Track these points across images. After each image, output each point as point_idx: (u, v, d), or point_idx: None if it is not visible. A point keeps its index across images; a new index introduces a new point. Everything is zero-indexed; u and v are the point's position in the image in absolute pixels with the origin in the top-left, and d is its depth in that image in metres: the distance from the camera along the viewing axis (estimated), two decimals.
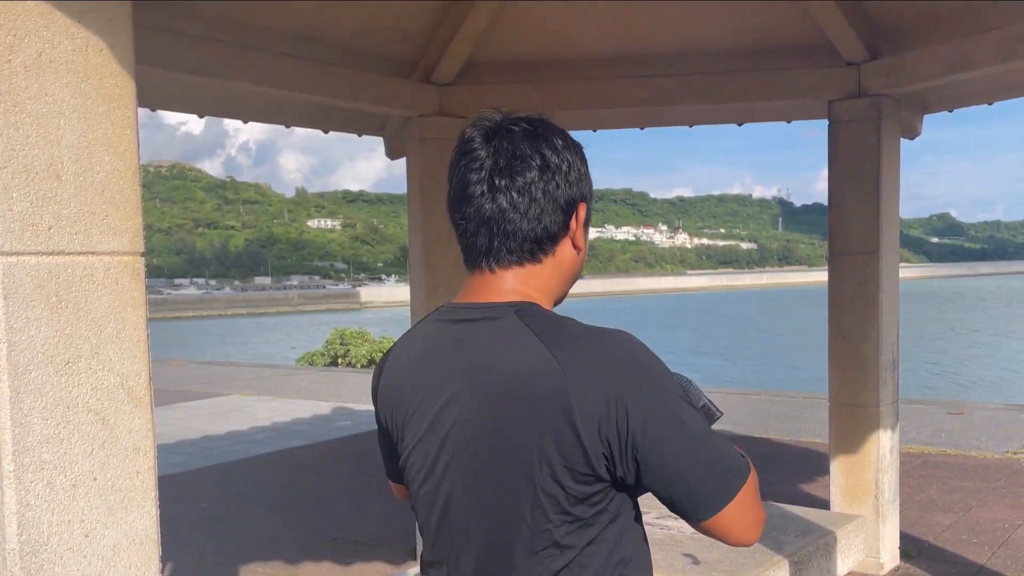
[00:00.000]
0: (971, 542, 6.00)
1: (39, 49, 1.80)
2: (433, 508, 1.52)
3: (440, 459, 1.49)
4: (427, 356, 1.53)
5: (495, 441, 1.43)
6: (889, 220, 5.16)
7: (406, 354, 1.58)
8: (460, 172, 1.51)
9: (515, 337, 1.44)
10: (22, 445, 1.77)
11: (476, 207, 1.49)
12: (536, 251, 1.50)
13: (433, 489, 1.51)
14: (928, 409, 11.55)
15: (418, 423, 1.52)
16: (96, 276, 1.89)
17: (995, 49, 4.27)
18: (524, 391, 1.39)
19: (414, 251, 5.60)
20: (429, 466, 1.51)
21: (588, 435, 1.36)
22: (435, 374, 1.50)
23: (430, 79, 5.36)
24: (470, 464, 1.46)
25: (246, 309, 79.00)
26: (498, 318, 1.47)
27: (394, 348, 1.63)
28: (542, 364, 1.39)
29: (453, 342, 1.50)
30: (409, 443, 1.54)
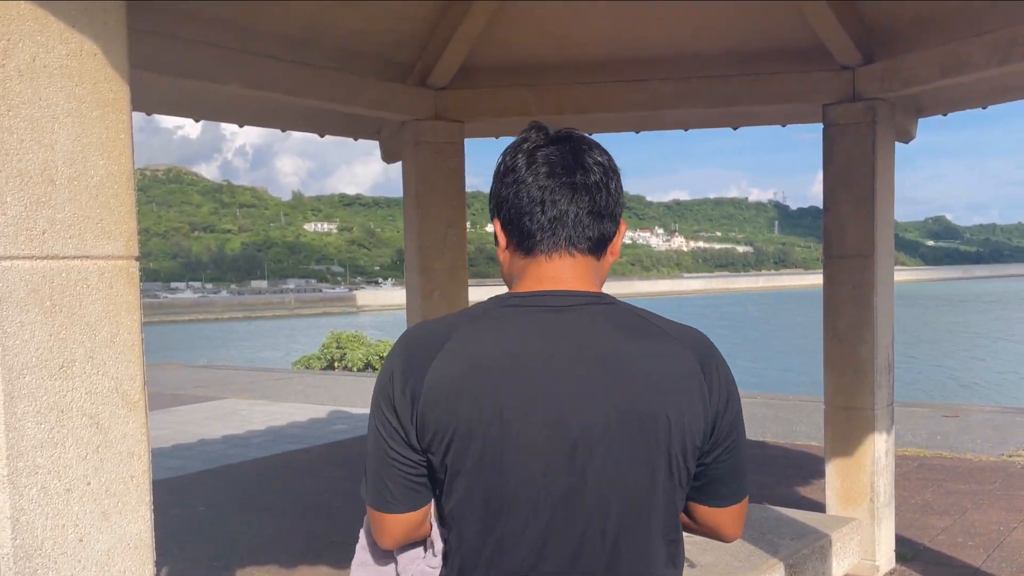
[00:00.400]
0: (966, 545, 6.00)
1: (33, 53, 1.80)
2: (543, 507, 1.43)
3: (568, 455, 1.43)
4: (530, 351, 1.45)
5: (638, 427, 1.44)
6: (884, 223, 5.17)
7: (487, 352, 1.45)
8: (530, 162, 1.52)
9: (630, 323, 1.50)
10: (16, 449, 1.77)
11: (557, 196, 1.50)
12: (598, 248, 1.55)
13: (548, 491, 1.43)
14: (924, 412, 11.57)
15: (522, 420, 1.42)
16: (90, 280, 1.89)
17: (989, 52, 4.28)
18: (665, 375, 1.46)
19: (410, 254, 5.60)
20: (545, 461, 1.43)
21: (709, 411, 1.49)
22: (550, 369, 1.44)
23: (426, 83, 5.36)
24: (609, 454, 1.43)
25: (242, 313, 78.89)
26: (598, 303, 1.50)
27: (450, 349, 1.45)
28: (672, 349, 1.48)
29: (561, 332, 1.46)
30: (506, 450, 1.42)
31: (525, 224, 1.52)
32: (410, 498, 1.52)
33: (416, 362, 1.46)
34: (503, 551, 1.45)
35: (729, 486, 1.57)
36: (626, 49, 5.44)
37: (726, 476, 1.55)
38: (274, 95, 4.76)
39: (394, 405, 1.47)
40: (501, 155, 1.59)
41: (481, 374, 1.43)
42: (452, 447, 1.44)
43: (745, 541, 4.53)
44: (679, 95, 5.38)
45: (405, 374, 1.46)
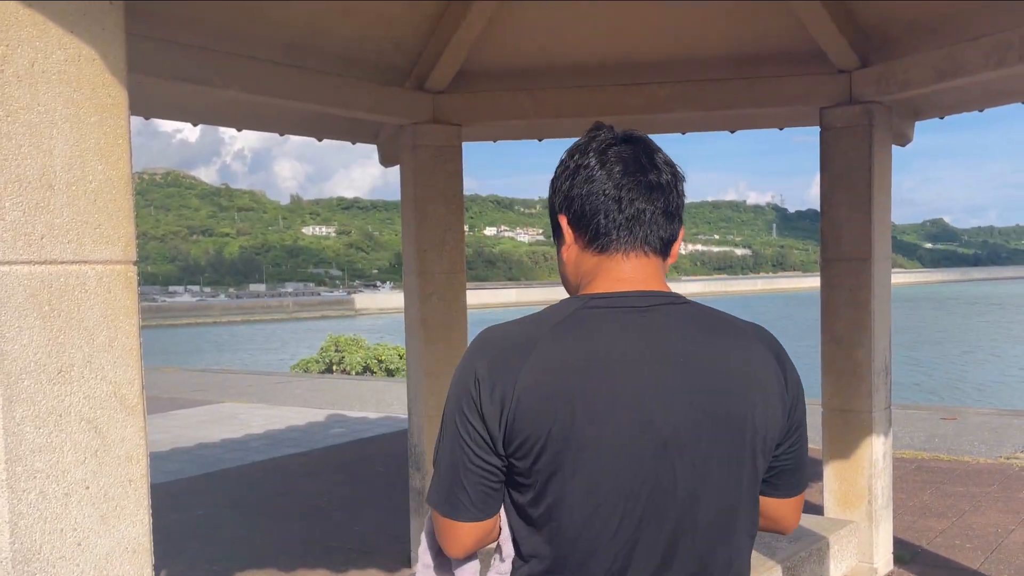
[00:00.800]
0: (964, 547, 6.01)
1: (32, 59, 1.81)
2: (635, 507, 1.43)
3: (656, 454, 1.42)
4: (617, 353, 1.44)
5: (725, 425, 1.45)
6: (881, 226, 5.18)
7: (576, 355, 1.43)
8: (602, 159, 1.52)
9: (711, 323, 1.51)
10: (14, 454, 1.77)
11: (635, 195, 1.51)
12: (666, 249, 1.56)
13: (638, 491, 1.43)
14: (921, 414, 11.58)
15: (612, 421, 1.41)
16: (89, 285, 1.89)
17: (984, 56, 4.30)
18: (747, 373, 1.48)
19: (408, 258, 5.61)
20: (636, 461, 1.42)
21: (786, 407, 1.52)
22: (637, 370, 1.43)
23: (424, 87, 5.37)
24: (696, 452, 1.44)
25: (241, 316, 78.81)
26: (679, 303, 1.51)
27: (539, 353, 1.43)
28: (753, 347, 1.50)
29: (647, 334, 1.46)
30: (596, 451, 1.41)
31: (600, 222, 1.51)
32: (487, 505, 1.50)
33: (504, 367, 1.43)
34: (596, 551, 1.44)
35: (795, 477, 1.60)
36: (623, 53, 5.45)
37: (793, 468, 1.59)
38: (272, 99, 4.76)
39: (481, 411, 1.44)
40: (567, 152, 1.59)
41: (573, 377, 1.41)
42: (546, 451, 1.41)
43: None
44: (676, 98, 5.39)
45: (493, 381, 1.43)
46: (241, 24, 4.43)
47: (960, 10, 4.51)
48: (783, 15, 4.95)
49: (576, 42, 5.45)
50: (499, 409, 1.42)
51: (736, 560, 1.53)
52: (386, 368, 19.50)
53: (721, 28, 5.29)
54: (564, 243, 1.57)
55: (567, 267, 1.59)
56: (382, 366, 19.58)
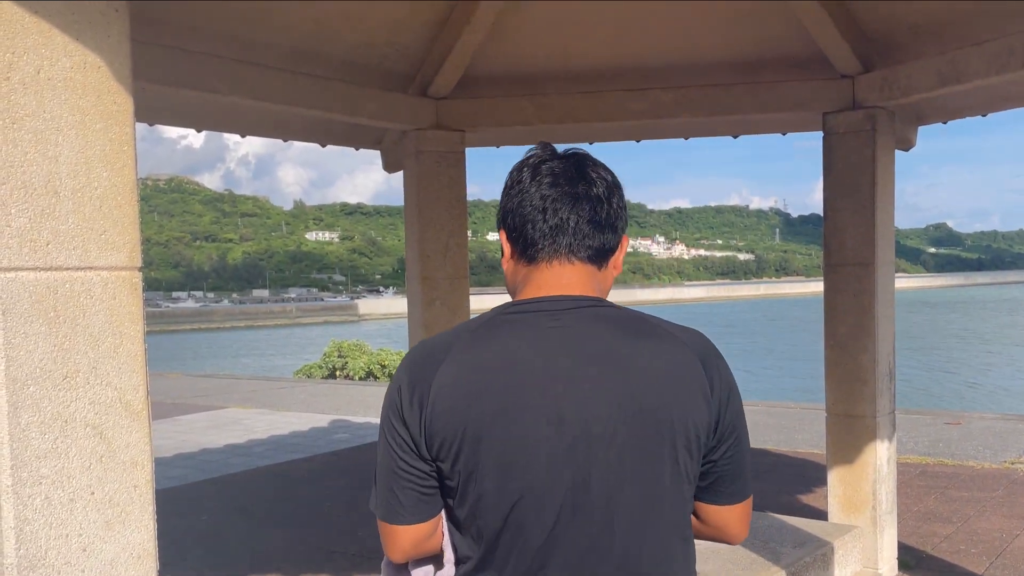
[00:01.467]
0: (969, 552, 6.00)
1: (37, 66, 1.82)
2: (550, 505, 1.46)
3: (569, 451, 1.45)
4: (527, 353, 1.48)
5: (640, 420, 1.47)
6: (884, 231, 5.18)
7: (487, 358, 1.49)
8: (535, 174, 1.58)
9: (627, 323, 1.53)
10: (20, 459, 1.78)
11: (558, 205, 1.55)
12: (599, 258, 1.60)
13: (552, 488, 1.45)
14: (925, 419, 11.56)
15: (524, 419, 1.45)
16: (94, 291, 1.90)
17: (987, 61, 4.30)
18: (663, 369, 1.50)
19: (411, 263, 5.62)
20: (549, 459, 1.45)
21: (712, 406, 1.52)
22: (547, 370, 1.47)
23: (427, 93, 5.38)
24: (611, 448, 1.46)
25: (244, 322, 78.90)
26: (595, 306, 1.54)
27: (452, 359, 1.50)
28: (671, 345, 1.52)
29: (558, 333, 1.50)
30: (509, 450, 1.45)
31: (528, 232, 1.57)
32: (420, 509, 1.55)
33: (422, 373, 1.50)
34: (516, 551, 1.48)
35: (734, 483, 1.60)
36: (626, 58, 5.46)
37: (731, 474, 1.59)
38: (276, 106, 4.77)
39: (403, 417, 1.51)
40: (510, 171, 1.65)
41: (483, 378, 1.47)
42: (462, 452, 1.47)
43: (747, 549, 4.54)
44: (679, 104, 5.40)
45: (412, 386, 1.50)
46: (245, 31, 4.44)
47: (963, 15, 4.51)
48: (786, 20, 4.96)
49: (579, 48, 5.46)
50: (418, 414, 1.48)
51: (666, 562, 1.53)
52: (389, 373, 19.49)
53: (724, 33, 5.29)
54: (504, 255, 1.64)
55: (507, 278, 1.65)
56: (385, 371, 19.59)
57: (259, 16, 4.45)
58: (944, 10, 4.58)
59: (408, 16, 5.06)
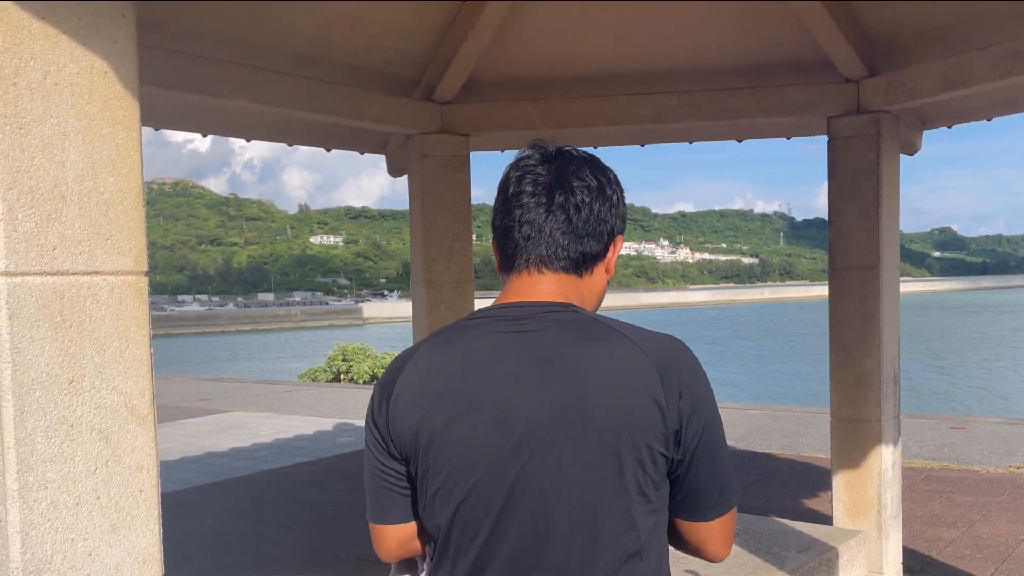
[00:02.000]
0: (974, 557, 5.98)
1: (44, 72, 1.82)
2: (492, 507, 1.47)
3: (512, 452, 1.45)
4: (482, 356, 1.51)
5: (581, 424, 1.45)
6: (889, 235, 5.17)
7: (444, 361, 1.53)
8: (517, 182, 1.59)
9: (584, 328, 1.52)
10: (26, 464, 1.78)
11: (532, 215, 1.57)
12: (579, 266, 1.59)
13: (494, 489, 1.46)
14: (930, 424, 11.53)
15: (470, 420, 1.47)
16: (100, 296, 1.91)
17: (992, 66, 4.30)
18: (611, 373, 1.47)
19: (416, 267, 5.62)
20: (491, 460, 1.46)
21: (669, 415, 1.46)
22: (498, 372, 1.49)
23: (432, 97, 5.39)
24: (551, 451, 1.45)
25: (249, 325, 79.00)
26: (560, 311, 1.54)
27: (414, 362, 1.55)
28: (623, 350, 1.49)
29: (514, 338, 1.51)
30: (457, 450, 1.48)
31: (505, 242, 1.60)
32: (401, 509, 1.60)
33: (389, 376, 1.57)
34: (461, 551, 1.50)
35: (708, 499, 1.54)
36: (631, 63, 5.47)
37: (704, 488, 1.53)
38: (281, 110, 4.78)
39: (374, 419, 1.58)
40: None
41: (436, 380, 1.50)
42: (418, 452, 1.51)
43: (751, 553, 4.53)
44: (684, 108, 5.40)
45: (381, 388, 1.57)
46: (250, 35, 4.45)
47: (968, 19, 4.51)
48: (791, 25, 4.96)
49: (584, 52, 5.47)
50: (385, 415, 1.54)
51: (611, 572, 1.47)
52: None
53: (729, 37, 5.30)
54: (496, 263, 1.66)
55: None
56: None
57: (264, 20, 4.47)
58: (949, 14, 4.58)
59: (413, 20, 5.07)
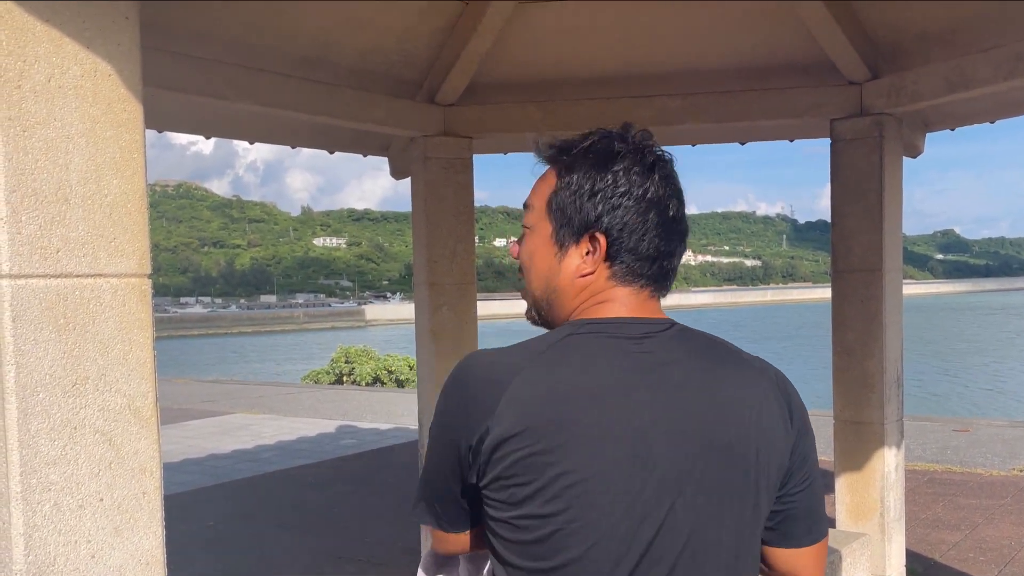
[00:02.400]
0: (978, 560, 5.97)
1: (48, 74, 1.83)
2: (630, 552, 1.31)
3: (656, 492, 1.31)
4: (610, 380, 1.34)
5: (726, 458, 1.35)
6: (892, 238, 5.17)
7: (566, 381, 1.33)
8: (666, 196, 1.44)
9: (710, 349, 1.43)
10: (29, 466, 1.78)
11: (676, 243, 1.46)
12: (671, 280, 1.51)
13: (634, 533, 1.31)
14: (933, 426, 11.52)
15: (605, 454, 1.30)
16: (104, 298, 1.91)
17: (995, 68, 4.29)
18: (749, 402, 1.39)
19: (418, 269, 5.62)
20: (631, 504, 1.31)
21: (789, 443, 1.43)
22: (632, 399, 1.33)
23: (435, 100, 5.39)
24: (698, 490, 1.33)
25: (252, 327, 79.04)
26: (674, 328, 1.44)
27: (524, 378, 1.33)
28: (753, 374, 1.42)
29: (640, 359, 1.37)
30: (587, 488, 1.30)
31: (642, 248, 1.42)
32: (466, 521, 1.47)
33: (488, 390, 1.34)
34: None
35: (806, 523, 1.46)
36: (634, 65, 5.47)
37: (804, 512, 1.45)
38: (284, 112, 4.79)
39: (460, 432, 1.36)
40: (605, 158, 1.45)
41: (558, 408, 1.31)
42: (524, 481, 1.31)
43: None
44: (687, 110, 5.40)
45: (475, 402, 1.35)
46: (253, 38, 4.46)
47: (971, 22, 4.50)
48: (794, 27, 4.96)
49: (586, 54, 5.47)
50: (479, 435, 1.33)
51: None
52: (396, 379, 19.53)
53: (732, 40, 5.29)
54: (581, 259, 1.44)
55: (566, 280, 1.46)
56: (392, 377, 19.60)
57: (267, 23, 4.47)
58: (952, 17, 4.58)
59: (416, 23, 5.07)
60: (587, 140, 1.49)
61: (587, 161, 1.46)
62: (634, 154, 1.45)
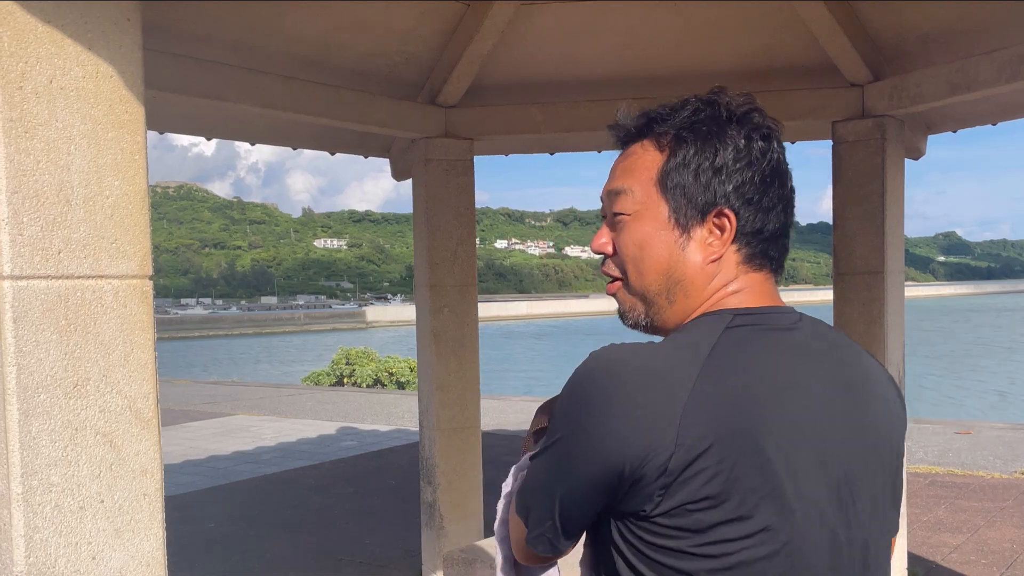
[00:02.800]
0: (979, 563, 5.96)
1: (50, 76, 1.83)
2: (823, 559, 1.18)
3: (837, 501, 1.19)
4: (783, 379, 1.19)
5: (879, 458, 1.26)
6: (894, 240, 5.17)
7: (743, 386, 1.16)
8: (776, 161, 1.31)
9: (842, 340, 1.32)
10: (30, 467, 1.78)
11: (791, 200, 1.33)
12: None
13: (818, 547, 1.17)
14: (935, 429, 11.51)
15: (798, 472, 1.15)
16: (105, 299, 1.91)
17: (997, 70, 4.29)
18: (886, 396, 1.31)
19: (419, 271, 5.62)
20: (817, 515, 1.17)
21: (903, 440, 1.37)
22: (808, 400, 1.20)
23: (436, 101, 5.39)
24: (866, 494, 1.23)
25: (252, 329, 79.07)
26: (808, 319, 1.31)
27: (698, 389, 1.13)
28: (879, 367, 1.34)
29: (804, 354, 1.24)
30: (784, 496, 1.14)
31: (771, 231, 1.30)
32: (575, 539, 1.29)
33: (658, 400, 1.13)
34: None
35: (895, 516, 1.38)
36: (636, 66, 5.47)
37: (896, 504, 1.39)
38: (286, 114, 4.79)
39: (615, 461, 1.13)
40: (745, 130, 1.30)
41: (749, 411, 1.14)
42: (723, 505, 1.12)
43: None
44: None
45: (640, 418, 1.12)
46: (255, 39, 4.46)
47: (973, 24, 4.50)
48: (795, 29, 4.96)
49: (588, 56, 5.47)
50: (648, 460, 1.12)
51: None
52: (397, 381, 19.53)
53: (734, 41, 5.29)
54: (706, 243, 1.29)
55: (695, 268, 1.29)
56: (393, 379, 19.61)
57: (269, 24, 4.47)
58: (954, 19, 4.58)
59: (417, 25, 5.08)
60: (687, 108, 1.32)
61: (699, 131, 1.30)
62: (747, 120, 1.31)
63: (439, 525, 5.51)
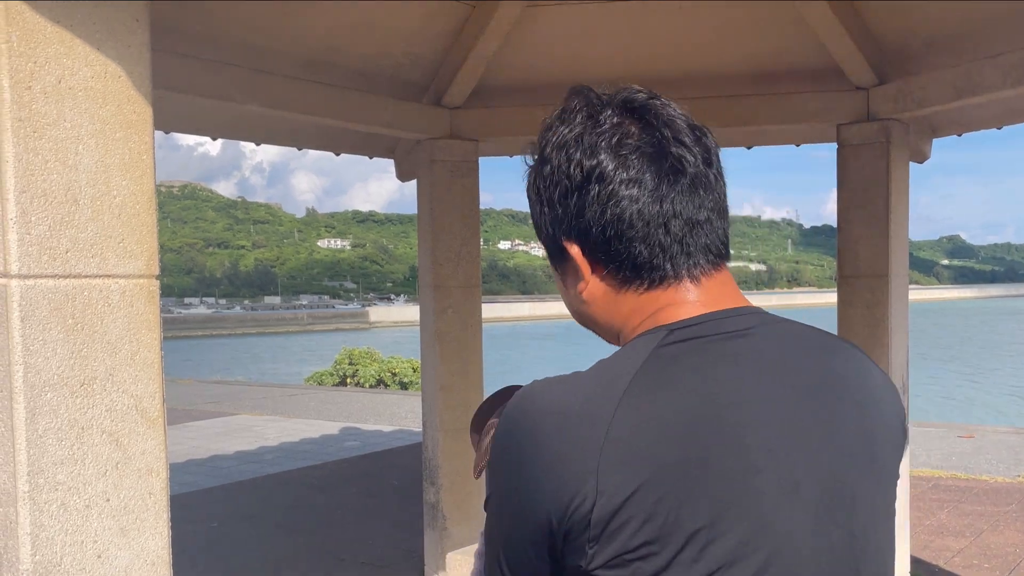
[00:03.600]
0: (982, 567, 5.96)
1: (59, 76, 1.83)
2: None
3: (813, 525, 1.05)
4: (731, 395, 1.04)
5: (870, 469, 1.13)
6: (898, 243, 5.16)
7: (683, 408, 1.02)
8: (622, 161, 1.12)
9: (815, 339, 1.16)
10: (37, 466, 1.79)
11: (678, 204, 1.11)
12: (728, 249, 1.19)
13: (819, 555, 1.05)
14: (938, 432, 11.49)
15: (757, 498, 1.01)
16: (112, 299, 1.91)
17: (1003, 74, 4.29)
18: (876, 397, 1.16)
19: (423, 271, 5.63)
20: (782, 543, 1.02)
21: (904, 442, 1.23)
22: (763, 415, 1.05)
23: (441, 102, 5.40)
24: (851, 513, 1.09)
25: (256, 328, 79.13)
26: (777, 321, 1.15)
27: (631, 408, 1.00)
28: (868, 365, 1.18)
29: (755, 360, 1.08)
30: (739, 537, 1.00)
31: (640, 252, 1.11)
32: None
33: (574, 443, 1.00)
34: None
35: None
36: (640, 69, 5.47)
37: None
38: (291, 114, 4.80)
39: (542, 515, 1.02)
40: (556, 143, 1.20)
41: (684, 441, 1.00)
42: (664, 551, 0.98)
43: None
44: (694, 115, 5.36)
45: (558, 466, 1.00)
46: (261, 40, 4.47)
47: (979, 28, 4.50)
48: (801, 32, 4.96)
49: (593, 57, 5.47)
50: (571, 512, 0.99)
51: None
52: (400, 381, 19.53)
53: (739, 44, 5.29)
54: (580, 278, 1.16)
55: (592, 307, 1.17)
56: (396, 379, 19.61)
57: (275, 25, 4.48)
58: (959, 22, 4.58)
59: (423, 26, 5.08)
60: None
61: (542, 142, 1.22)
62: (537, 147, 1.20)
63: (442, 526, 5.51)
